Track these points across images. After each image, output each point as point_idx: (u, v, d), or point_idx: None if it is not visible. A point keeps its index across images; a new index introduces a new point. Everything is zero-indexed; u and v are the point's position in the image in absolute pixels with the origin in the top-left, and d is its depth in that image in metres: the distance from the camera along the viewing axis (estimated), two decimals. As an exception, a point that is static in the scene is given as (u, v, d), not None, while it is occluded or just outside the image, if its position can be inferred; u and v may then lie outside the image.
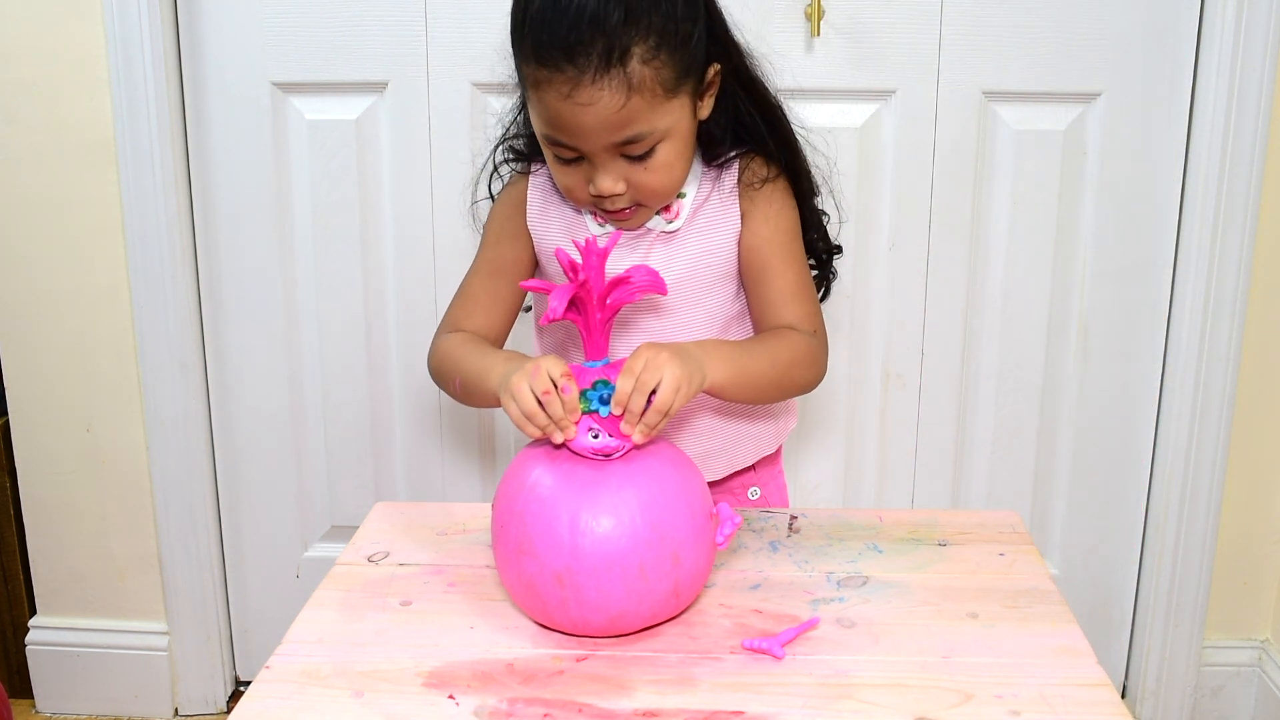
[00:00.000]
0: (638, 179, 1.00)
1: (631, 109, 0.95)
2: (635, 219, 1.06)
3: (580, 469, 0.88)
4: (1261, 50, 1.44)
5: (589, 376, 0.88)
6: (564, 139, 0.98)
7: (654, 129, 0.97)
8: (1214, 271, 1.52)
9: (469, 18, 1.50)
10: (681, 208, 1.07)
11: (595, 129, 0.96)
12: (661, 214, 1.07)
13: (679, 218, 1.07)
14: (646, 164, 0.99)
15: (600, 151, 0.98)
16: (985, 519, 1.09)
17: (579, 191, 1.03)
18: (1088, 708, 0.80)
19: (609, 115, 0.94)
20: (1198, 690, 1.68)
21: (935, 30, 1.49)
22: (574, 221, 1.10)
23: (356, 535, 1.07)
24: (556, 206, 1.12)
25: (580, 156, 1.00)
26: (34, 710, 1.75)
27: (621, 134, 0.96)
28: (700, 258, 1.08)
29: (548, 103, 0.96)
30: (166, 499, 1.66)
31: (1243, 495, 1.62)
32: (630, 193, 1.01)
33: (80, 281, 1.60)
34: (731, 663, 0.86)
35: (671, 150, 1.00)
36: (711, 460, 1.16)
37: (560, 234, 1.10)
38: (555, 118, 0.97)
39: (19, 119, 1.55)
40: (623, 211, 1.04)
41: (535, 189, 1.12)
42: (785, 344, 1.04)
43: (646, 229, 1.08)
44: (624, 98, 0.94)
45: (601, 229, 1.09)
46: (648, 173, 1.00)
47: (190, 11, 1.53)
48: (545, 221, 1.12)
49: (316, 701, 0.81)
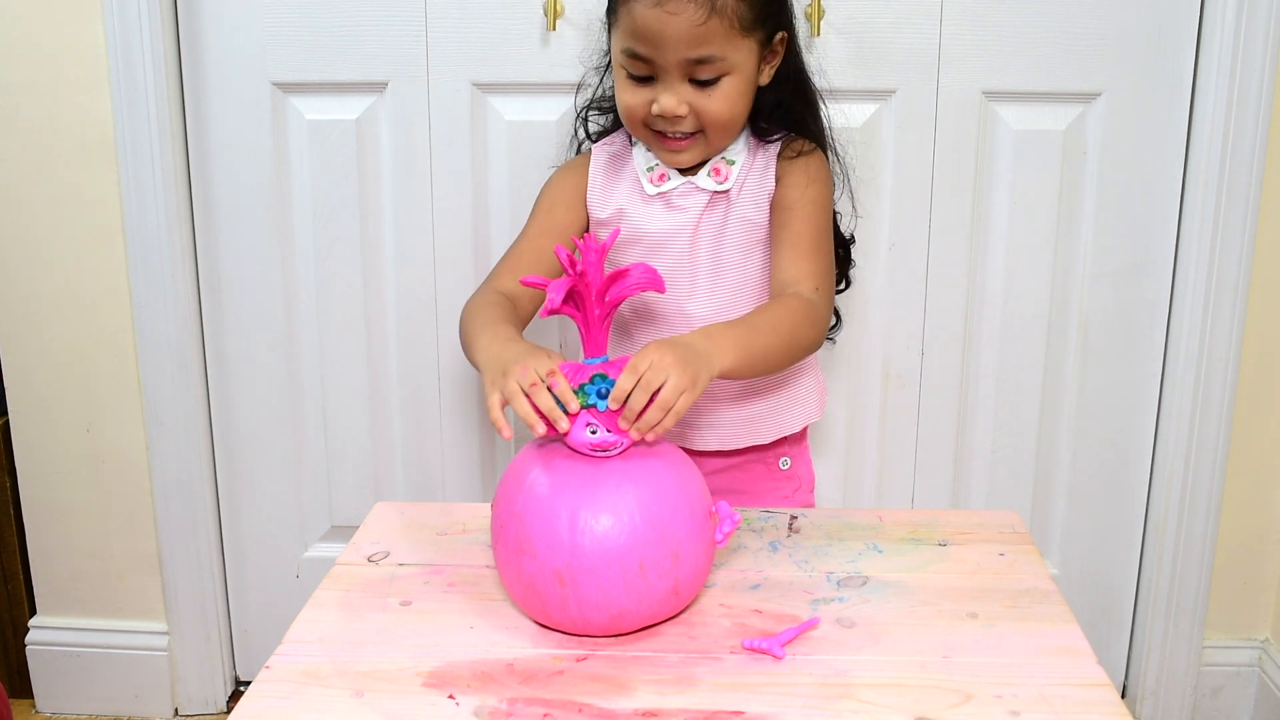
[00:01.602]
0: (700, 104, 1.08)
1: (710, 29, 1.04)
2: (690, 151, 1.13)
3: (579, 467, 0.88)
4: (1261, 50, 1.44)
5: (587, 372, 0.88)
6: (642, 50, 1.06)
7: (725, 56, 1.06)
8: (1214, 271, 1.52)
9: (469, 18, 1.50)
10: (731, 173, 1.15)
11: (675, 40, 1.04)
12: (712, 175, 1.15)
13: (728, 180, 1.15)
14: (710, 91, 1.08)
15: (672, 67, 1.07)
16: (985, 519, 1.09)
17: (639, 110, 1.11)
18: (1088, 708, 0.80)
19: (690, 28, 1.04)
20: (1198, 690, 1.68)
21: (935, 30, 1.49)
22: (631, 192, 1.18)
23: (356, 535, 1.07)
24: (615, 179, 1.19)
25: (651, 76, 1.08)
26: (34, 710, 1.75)
27: (696, 50, 1.05)
28: (742, 222, 1.16)
29: (636, 12, 1.05)
30: (166, 499, 1.66)
31: (1243, 495, 1.62)
32: (690, 119, 1.09)
33: (80, 281, 1.60)
34: (731, 663, 0.86)
35: (734, 87, 1.09)
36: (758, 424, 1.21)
37: (616, 204, 1.18)
38: (641, 27, 1.05)
39: (19, 119, 1.55)
40: (679, 140, 1.11)
41: (598, 161, 1.21)
42: (786, 310, 1.08)
43: (699, 189, 1.15)
44: (705, 15, 1.03)
45: (655, 188, 1.16)
46: (711, 99, 1.08)
47: (190, 11, 1.53)
48: (605, 194, 1.20)
49: (316, 701, 0.81)
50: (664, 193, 1.17)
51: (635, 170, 1.19)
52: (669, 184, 1.17)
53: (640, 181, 1.18)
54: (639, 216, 1.18)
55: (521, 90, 1.53)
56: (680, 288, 1.16)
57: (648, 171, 1.18)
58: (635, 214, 1.18)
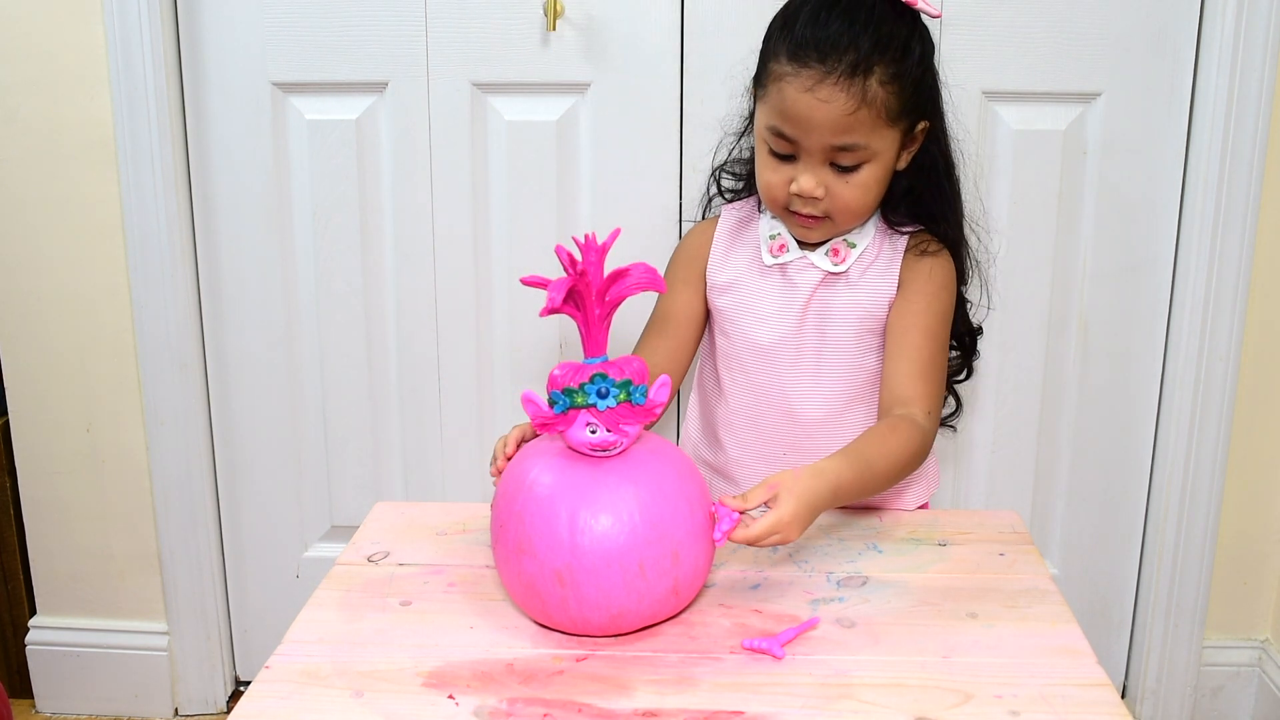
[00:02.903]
0: (837, 189, 1.09)
1: (859, 119, 1.05)
2: (818, 231, 1.13)
3: (579, 467, 0.88)
4: (1261, 50, 1.44)
5: (587, 371, 0.88)
6: (789, 131, 1.07)
7: (868, 145, 1.07)
8: (1214, 271, 1.52)
9: (469, 18, 1.50)
10: (850, 256, 1.14)
11: (822, 125, 1.05)
12: (830, 255, 1.14)
13: (845, 263, 1.14)
14: (849, 178, 1.08)
15: (816, 150, 1.07)
16: (985, 519, 1.09)
17: (778, 189, 1.11)
18: (1088, 708, 0.80)
19: (839, 116, 1.04)
20: (1198, 690, 1.68)
21: (935, 30, 1.48)
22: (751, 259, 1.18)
23: (356, 535, 1.07)
24: (738, 245, 1.20)
25: (792, 155, 1.09)
26: (34, 710, 1.75)
27: (842, 138, 1.06)
28: (854, 307, 1.14)
29: (787, 94, 1.06)
30: (166, 499, 1.66)
31: (1243, 495, 1.62)
32: (826, 201, 1.09)
33: (80, 281, 1.60)
34: (731, 663, 0.86)
35: (873, 175, 1.09)
36: None
37: (735, 270, 1.19)
38: (790, 108, 1.06)
39: (19, 119, 1.55)
40: (812, 219, 1.11)
41: (725, 225, 1.22)
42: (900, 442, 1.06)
43: (814, 266, 1.15)
44: (856, 105, 1.04)
45: (773, 259, 1.16)
46: (848, 186, 1.09)
47: (190, 11, 1.53)
48: (726, 259, 1.20)
49: (316, 701, 0.81)
50: (781, 264, 1.16)
51: (758, 237, 1.19)
52: (786, 256, 1.16)
53: (760, 249, 1.18)
54: (753, 285, 1.18)
55: (521, 90, 1.53)
56: (783, 362, 1.15)
57: (770, 239, 1.17)
58: (749, 283, 1.18)
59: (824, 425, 1.16)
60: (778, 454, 1.17)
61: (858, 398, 1.16)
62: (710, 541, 0.90)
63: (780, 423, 1.17)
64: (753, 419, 1.18)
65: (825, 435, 1.15)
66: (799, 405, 1.16)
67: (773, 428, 1.17)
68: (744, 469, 1.20)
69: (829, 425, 1.15)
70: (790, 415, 1.16)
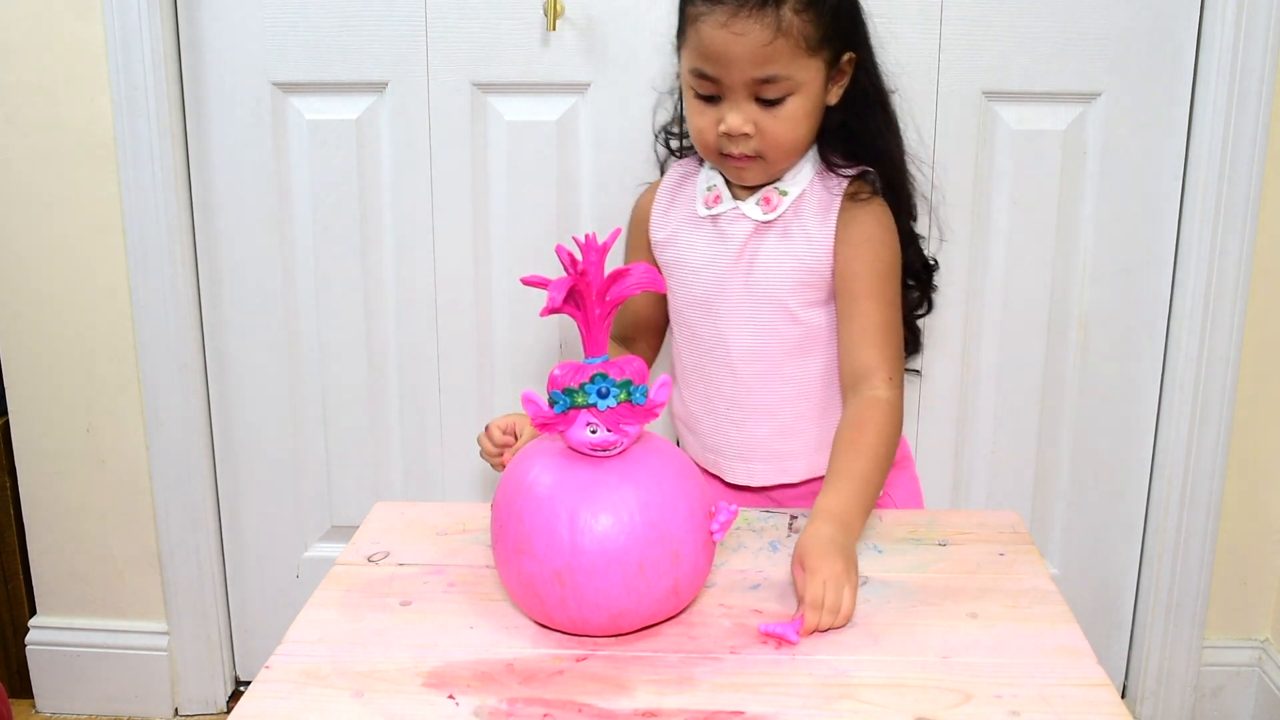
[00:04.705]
0: (765, 124, 1.08)
1: (776, 48, 1.04)
2: (751, 172, 1.12)
3: (579, 467, 0.88)
4: (1261, 50, 1.44)
5: (587, 371, 0.88)
6: (709, 70, 1.07)
7: (790, 76, 1.06)
8: (1214, 271, 1.52)
9: (469, 18, 1.50)
10: (782, 204, 1.13)
11: (740, 59, 1.05)
12: (761, 204, 1.14)
13: (776, 210, 1.13)
14: (776, 112, 1.08)
15: (739, 86, 1.06)
16: (985, 519, 1.09)
17: (709, 133, 1.10)
18: (1088, 708, 0.80)
19: (756, 48, 1.04)
20: (1198, 690, 1.68)
21: (935, 30, 1.49)
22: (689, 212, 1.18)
23: (356, 535, 1.07)
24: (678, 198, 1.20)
25: (718, 95, 1.08)
26: (34, 710, 1.75)
27: (762, 70, 1.05)
28: (788, 258, 1.13)
29: (703, 33, 1.06)
30: (166, 499, 1.66)
31: (1243, 495, 1.62)
32: (755, 139, 1.08)
33: (80, 281, 1.60)
34: (731, 663, 0.86)
35: (799, 107, 1.08)
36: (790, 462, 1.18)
37: (673, 225, 1.19)
38: (707, 47, 1.06)
39: (19, 119, 1.55)
40: (743, 159, 1.10)
41: (668, 181, 1.22)
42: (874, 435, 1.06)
43: (746, 217, 1.14)
44: (772, 35, 1.04)
45: (707, 211, 1.16)
46: (775, 120, 1.08)
47: (190, 11, 1.53)
48: (666, 214, 1.20)
49: (316, 701, 0.81)
50: (714, 215, 1.16)
51: (695, 189, 1.19)
52: (720, 207, 1.15)
53: (695, 202, 1.17)
54: (687, 238, 1.17)
55: (521, 90, 1.53)
56: (719, 315, 1.15)
57: (706, 190, 1.17)
58: (684, 236, 1.18)
59: (763, 378, 1.15)
60: (721, 408, 1.17)
61: (799, 350, 1.15)
62: (710, 541, 0.90)
63: (722, 375, 1.17)
64: (699, 371, 1.19)
65: (766, 390, 1.15)
66: (737, 358, 1.15)
67: (716, 380, 1.17)
68: (698, 422, 1.20)
69: (769, 379, 1.15)
70: (730, 368, 1.16)
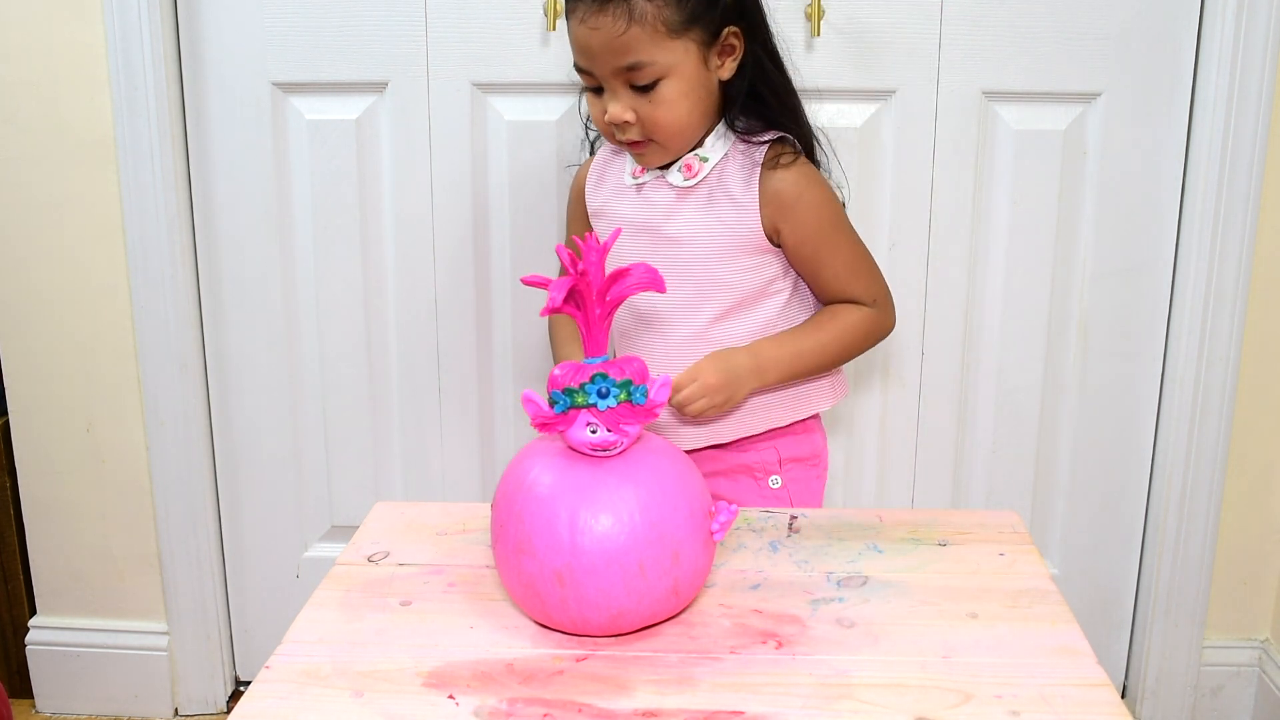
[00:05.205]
0: (644, 110, 1.11)
1: (633, 37, 1.07)
2: (650, 155, 1.16)
3: (579, 467, 0.88)
4: (1261, 50, 1.44)
5: (587, 371, 0.88)
6: (582, 63, 1.12)
7: (654, 61, 1.09)
8: (1214, 271, 1.52)
9: (469, 18, 1.50)
10: (702, 169, 1.16)
11: (600, 52, 1.09)
12: (683, 171, 1.17)
13: (696, 177, 1.16)
14: (651, 97, 1.11)
15: (609, 77, 1.11)
16: (985, 519, 1.09)
17: (600, 123, 1.15)
18: (1088, 708, 0.80)
19: (610, 39, 1.08)
20: (1198, 690, 1.68)
21: (935, 30, 1.49)
22: (618, 182, 1.23)
23: (356, 535, 1.07)
24: (608, 172, 1.25)
25: (599, 87, 1.12)
26: (34, 710, 1.75)
27: (622, 59, 1.09)
28: (713, 222, 1.16)
29: (572, 30, 1.11)
30: (166, 499, 1.66)
31: (1243, 495, 1.62)
32: (640, 125, 1.12)
33: (80, 281, 1.60)
34: (731, 663, 0.86)
35: (675, 89, 1.11)
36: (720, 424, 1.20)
37: (604, 196, 1.24)
38: (575, 42, 1.11)
39: (19, 119, 1.55)
40: (637, 144, 1.15)
41: (600, 156, 1.27)
42: (837, 328, 1.15)
43: (668, 183, 1.18)
44: (625, 25, 1.07)
45: (633, 181, 1.20)
46: (653, 106, 1.11)
47: (190, 11, 1.53)
48: (599, 186, 1.25)
49: (316, 701, 0.81)
50: (639, 184, 1.20)
51: (625, 160, 1.23)
52: (645, 176, 1.20)
53: (624, 173, 1.22)
54: (616, 207, 1.22)
55: (521, 90, 1.53)
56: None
57: (633, 162, 1.21)
58: (613, 205, 1.22)
59: (692, 342, 1.17)
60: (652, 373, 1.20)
61: (727, 315, 1.17)
62: (710, 541, 0.90)
63: (654, 340, 1.20)
64: (635, 338, 1.22)
65: (694, 353, 1.16)
66: (666, 323, 1.19)
67: (648, 345, 1.20)
68: None
69: (697, 342, 1.17)
70: (661, 334, 1.19)
